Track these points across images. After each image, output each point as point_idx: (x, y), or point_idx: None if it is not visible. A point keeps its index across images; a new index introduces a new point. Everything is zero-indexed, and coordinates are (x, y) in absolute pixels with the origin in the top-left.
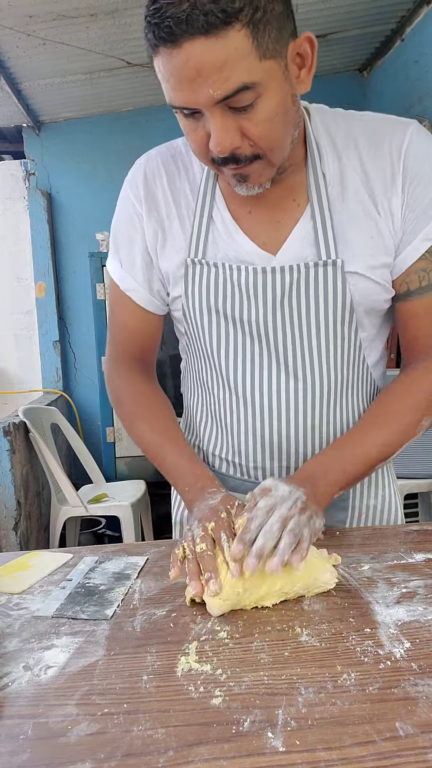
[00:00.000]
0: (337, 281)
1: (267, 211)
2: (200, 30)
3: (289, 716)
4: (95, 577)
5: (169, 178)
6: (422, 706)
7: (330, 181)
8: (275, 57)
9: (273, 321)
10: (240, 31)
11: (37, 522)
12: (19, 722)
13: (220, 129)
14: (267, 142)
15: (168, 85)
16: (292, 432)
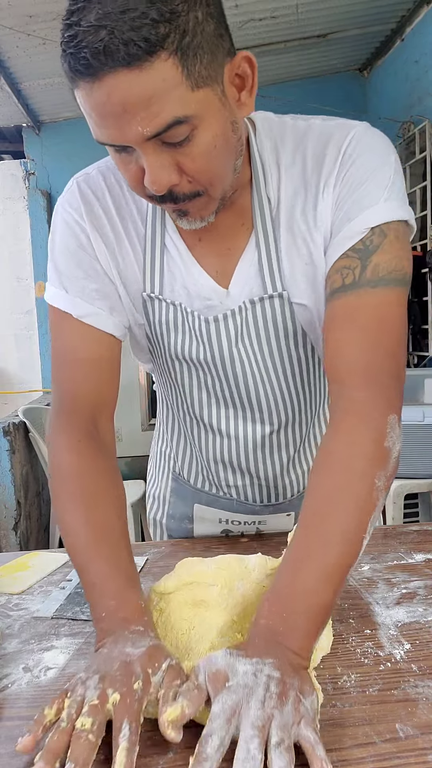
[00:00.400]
0: (285, 313)
1: (217, 238)
2: (121, 62)
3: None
4: None
5: (114, 200)
6: (422, 708)
7: (274, 205)
8: (210, 84)
9: (230, 361)
10: (167, 60)
11: (37, 522)
12: (18, 724)
13: (154, 166)
14: (206, 177)
15: (92, 121)
16: (259, 455)
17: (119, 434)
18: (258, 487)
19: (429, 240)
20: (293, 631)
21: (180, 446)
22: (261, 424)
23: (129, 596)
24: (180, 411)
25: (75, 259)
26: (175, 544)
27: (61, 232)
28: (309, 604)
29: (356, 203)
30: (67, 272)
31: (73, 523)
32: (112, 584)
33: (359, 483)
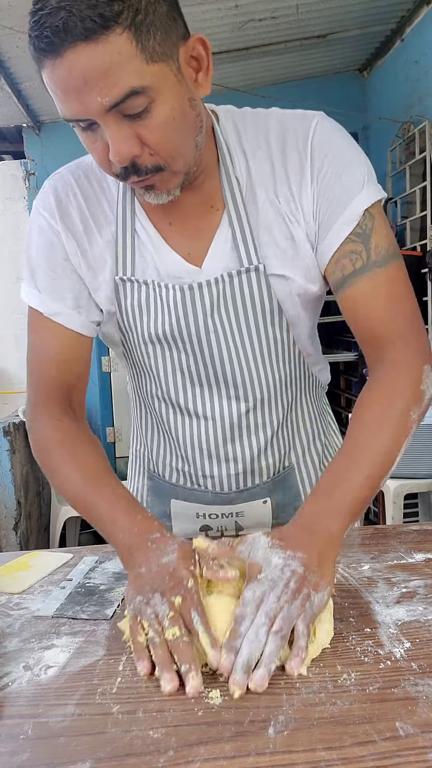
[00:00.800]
0: (262, 286)
1: (187, 221)
2: (79, 36)
3: (289, 716)
4: (95, 577)
5: (83, 194)
6: (422, 706)
7: (244, 185)
8: (164, 60)
9: (206, 335)
10: (121, 34)
11: (37, 522)
12: (19, 722)
13: (116, 137)
14: (166, 149)
15: (57, 98)
16: (236, 437)
17: (119, 434)
18: (234, 472)
19: (429, 240)
20: (335, 511)
21: (154, 442)
22: (236, 401)
23: (137, 512)
24: (155, 399)
25: (47, 260)
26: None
27: (35, 233)
28: (352, 496)
29: (345, 191)
30: (39, 272)
31: (67, 476)
32: (118, 509)
33: (399, 415)
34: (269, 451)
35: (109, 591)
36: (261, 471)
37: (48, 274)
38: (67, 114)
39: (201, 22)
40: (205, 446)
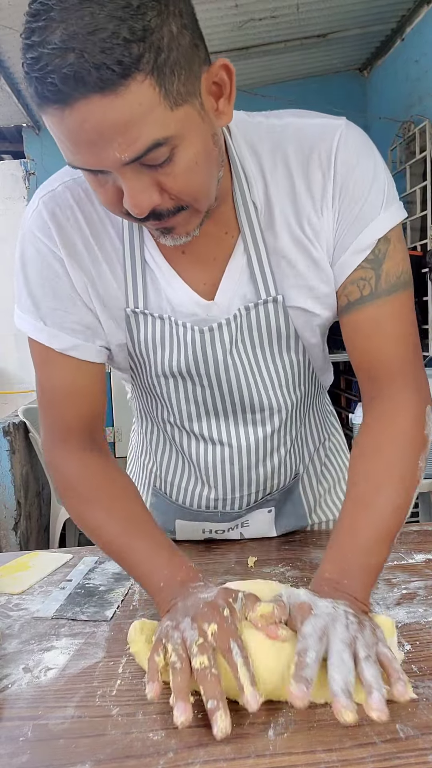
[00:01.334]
0: (279, 317)
1: (202, 249)
2: (94, 88)
3: (289, 718)
4: (95, 578)
5: (86, 218)
6: (422, 708)
7: (261, 210)
8: (188, 100)
9: (225, 370)
10: (143, 82)
11: (37, 522)
12: (18, 724)
13: (134, 189)
14: (189, 194)
15: (64, 146)
16: (253, 459)
17: (119, 434)
18: (248, 493)
19: (429, 240)
20: (354, 582)
21: (164, 460)
22: (254, 427)
23: (180, 562)
24: (166, 424)
25: (51, 290)
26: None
27: (33, 260)
28: (367, 563)
29: (361, 217)
30: (44, 304)
31: (97, 521)
32: (159, 557)
33: (407, 463)
34: (282, 468)
35: (109, 592)
36: (272, 487)
37: (53, 305)
38: (76, 164)
39: (201, 22)
40: (229, 472)
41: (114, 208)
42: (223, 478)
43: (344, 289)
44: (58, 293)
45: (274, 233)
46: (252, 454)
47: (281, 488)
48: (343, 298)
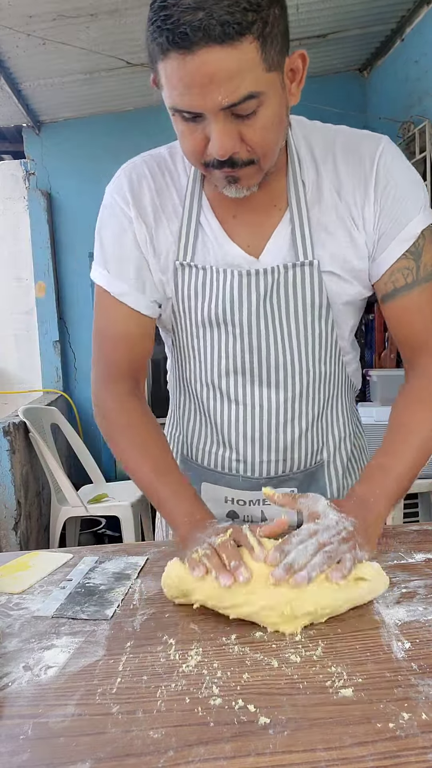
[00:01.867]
0: (314, 280)
1: (250, 216)
2: (216, 39)
3: (289, 716)
4: (95, 577)
5: (156, 183)
6: (422, 706)
7: (308, 188)
8: (277, 70)
9: (257, 321)
10: (252, 43)
11: (37, 522)
12: (19, 722)
13: (222, 134)
14: (263, 148)
15: (175, 89)
16: (273, 425)
17: None
18: (267, 459)
19: None
20: (383, 496)
21: (190, 425)
22: (276, 390)
23: (199, 505)
24: (198, 384)
25: (118, 243)
26: (175, 544)
27: (107, 217)
28: (394, 487)
29: (404, 213)
30: (110, 254)
31: (135, 463)
32: (183, 498)
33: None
34: (303, 442)
35: (109, 591)
36: (293, 461)
37: (118, 256)
38: (181, 105)
39: None
40: (242, 431)
41: (196, 156)
42: (244, 438)
43: (390, 276)
44: (122, 246)
45: (320, 209)
46: (272, 416)
47: (304, 469)
48: (389, 284)
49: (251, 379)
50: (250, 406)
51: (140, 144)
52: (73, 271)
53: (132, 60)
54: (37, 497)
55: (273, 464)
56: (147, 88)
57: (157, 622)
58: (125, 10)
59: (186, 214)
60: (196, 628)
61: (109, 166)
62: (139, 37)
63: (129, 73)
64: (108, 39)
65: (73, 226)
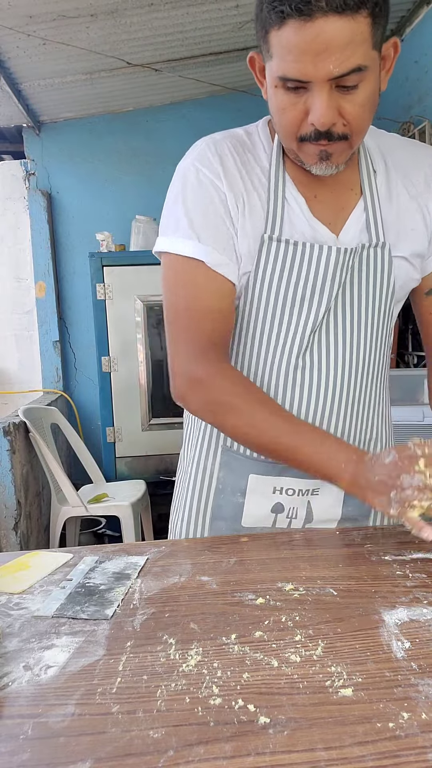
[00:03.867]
0: (385, 262)
1: (330, 197)
2: (336, 9)
3: (289, 716)
4: (95, 577)
5: (240, 158)
6: (422, 706)
7: (380, 177)
8: (378, 50)
9: (330, 300)
10: (366, 18)
11: (37, 522)
12: (19, 722)
13: (326, 104)
14: (358, 124)
15: (288, 56)
16: (327, 408)
17: (119, 434)
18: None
19: None
20: None
21: None
22: (336, 373)
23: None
24: (256, 364)
25: (209, 214)
26: (175, 543)
27: (193, 188)
28: None
29: None
30: (201, 225)
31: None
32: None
33: None
34: (353, 431)
35: (109, 591)
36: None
37: (211, 226)
38: (291, 73)
39: (201, 22)
40: (298, 414)
41: (293, 129)
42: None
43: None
44: (214, 216)
45: (390, 197)
46: (331, 399)
47: None
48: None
49: (317, 359)
50: (307, 388)
51: (140, 144)
52: (73, 271)
53: (132, 60)
54: (37, 497)
55: None
56: (147, 88)
57: (157, 622)
58: (125, 10)
59: (272, 188)
60: (196, 628)
61: (109, 166)
62: (139, 37)
63: (129, 73)
64: (108, 39)
65: (73, 226)
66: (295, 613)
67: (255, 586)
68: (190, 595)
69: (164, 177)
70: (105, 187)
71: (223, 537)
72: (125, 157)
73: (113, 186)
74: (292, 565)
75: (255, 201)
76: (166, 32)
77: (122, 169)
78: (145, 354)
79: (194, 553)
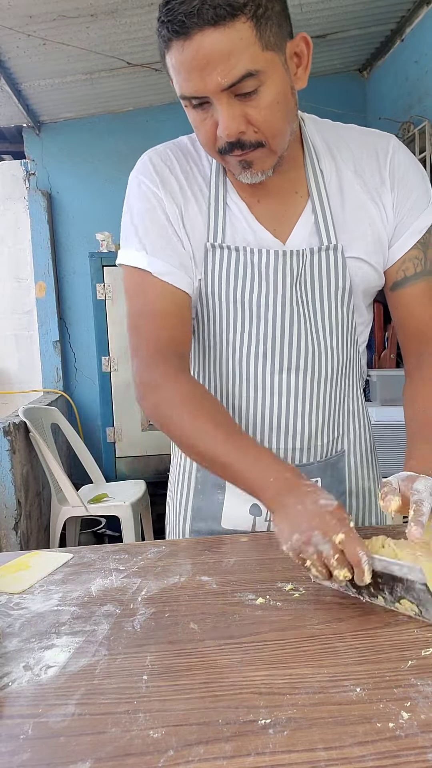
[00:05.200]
0: (338, 265)
1: (274, 201)
2: (209, 21)
3: (289, 716)
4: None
5: (181, 167)
6: (422, 706)
7: (328, 177)
8: (275, 50)
9: (282, 306)
10: (245, 23)
11: (37, 522)
12: (19, 722)
13: (227, 114)
14: (269, 128)
15: (179, 77)
16: (298, 411)
17: (119, 434)
18: (292, 446)
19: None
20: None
21: None
22: (303, 376)
23: (283, 463)
24: (222, 369)
25: (153, 223)
26: (175, 543)
27: (137, 200)
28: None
29: (417, 207)
30: (145, 235)
31: (202, 429)
32: (264, 458)
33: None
34: (326, 430)
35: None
36: (316, 449)
37: (156, 236)
38: (186, 91)
39: None
40: (268, 418)
41: (210, 144)
42: (270, 426)
43: (402, 264)
44: (158, 226)
45: (340, 196)
46: (297, 402)
47: (326, 458)
48: (400, 272)
49: (279, 364)
50: (277, 392)
51: (140, 144)
52: (73, 271)
53: (132, 60)
54: (38, 497)
55: (297, 452)
56: (147, 88)
57: (157, 622)
58: (125, 10)
59: (213, 196)
60: (196, 628)
61: (109, 166)
62: (139, 37)
63: (129, 73)
64: (108, 39)
65: (73, 226)
66: (295, 613)
67: (255, 586)
68: (190, 595)
69: None
70: (105, 187)
71: (223, 537)
72: (125, 157)
73: (113, 186)
74: (292, 565)
75: (193, 209)
76: None
77: (122, 169)
78: None
79: (194, 553)
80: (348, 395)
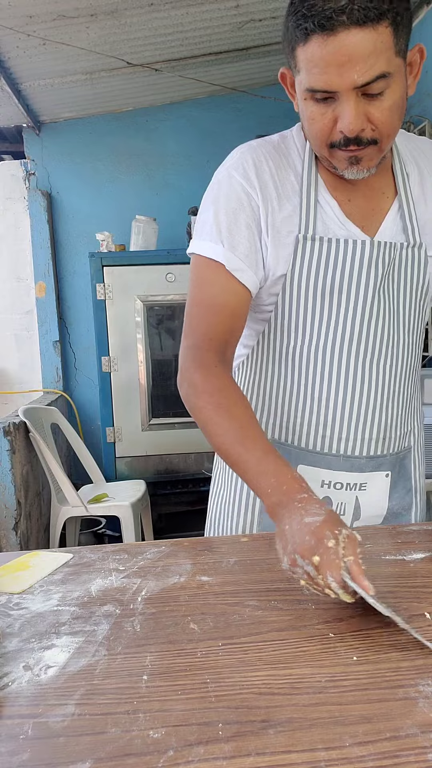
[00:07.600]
0: (422, 263)
1: (363, 200)
2: (356, 21)
3: (289, 716)
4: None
5: (275, 164)
6: (422, 706)
7: (412, 180)
8: (402, 57)
9: (371, 296)
10: (386, 28)
11: (37, 522)
12: (19, 722)
13: (354, 112)
14: (386, 129)
15: (314, 69)
16: (377, 402)
17: (119, 434)
18: (369, 437)
19: None
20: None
21: (289, 406)
22: (383, 367)
23: (286, 472)
24: (305, 359)
25: (237, 222)
26: (175, 544)
27: (225, 194)
28: None
29: None
30: (228, 231)
31: (221, 426)
32: (268, 465)
33: None
34: (399, 422)
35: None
36: (390, 442)
37: (238, 234)
38: (318, 84)
39: (201, 22)
40: (348, 407)
41: (323, 138)
42: (349, 415)
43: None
44: (243, 224)
45: (424, 199)
46: (378, 393)
47: (397, 451)
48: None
49: (363, 353)
50: (359, 380)
51: (140, 144)
52: (73, 271)
53: (132, 60)
54: (37, 497)
55: (373, 443)
56: (147, 88)
57: (157, 622)
58: (125, 10)
59: (305, 192)
60: (196, 628)
61: (109, 166)
62: (139, 37)
63: (129, 73)
64: (108, 39)
65: (73, 226)
66: (295, 613)
67: (255, 586)
68: (190, 595)
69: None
70: (105, 187)
71: (223, 537)
72: (125, 157)
73: (113, 186)
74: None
75: (286, 205)
76: (166, 32)
77: (122, 169)
78: (145, 354)
79: (194, 553)
80: (414, 392)
